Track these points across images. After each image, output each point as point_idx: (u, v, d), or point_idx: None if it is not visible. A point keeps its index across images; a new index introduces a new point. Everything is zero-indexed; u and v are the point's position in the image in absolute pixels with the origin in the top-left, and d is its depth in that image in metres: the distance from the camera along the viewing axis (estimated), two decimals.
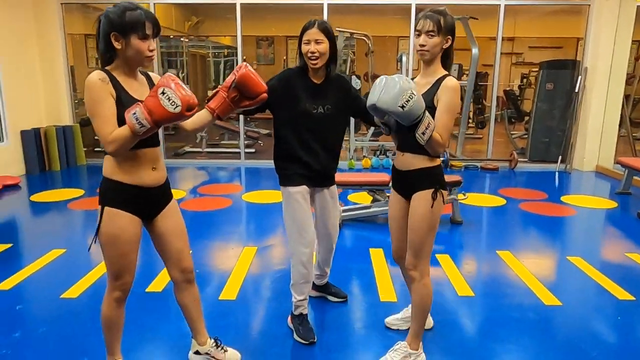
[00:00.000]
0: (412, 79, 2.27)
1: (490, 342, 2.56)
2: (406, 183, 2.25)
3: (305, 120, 2.44)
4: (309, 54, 2.35)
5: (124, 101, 1.80)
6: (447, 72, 2.16)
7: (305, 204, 2.50)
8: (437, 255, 3.70)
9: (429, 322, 2.66)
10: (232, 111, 2.04)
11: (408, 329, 2.57)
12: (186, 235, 2.13)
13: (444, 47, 2.11)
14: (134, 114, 1.70)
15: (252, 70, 1.97)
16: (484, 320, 2.81)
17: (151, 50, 1.81)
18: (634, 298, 3.05)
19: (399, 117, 1.98)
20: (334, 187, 2.68)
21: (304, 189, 2.49)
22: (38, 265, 3.49)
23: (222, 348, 2.33)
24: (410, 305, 2.66)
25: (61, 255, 3.69)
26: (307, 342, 2.51)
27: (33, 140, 6.53)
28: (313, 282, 2.96)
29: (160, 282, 3.20)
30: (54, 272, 3.41)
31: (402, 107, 1.91)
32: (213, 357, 2.31)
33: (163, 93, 1.68)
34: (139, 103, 1.73)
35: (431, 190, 2.17)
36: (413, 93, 1.92)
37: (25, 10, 6.60)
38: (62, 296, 3.02)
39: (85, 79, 1.76)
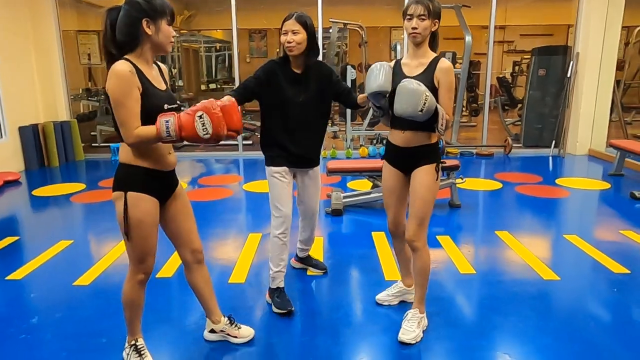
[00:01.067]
0: (400, 59, 2.41)
1: (493, 315, 2.67)
2: (408, 159, 2.38)
3: (289, 108, 2.57)
4: (286, 44, 2.50)
5: (150, 92, 1.87)
6: (437, 54, 2.34)
7: (284, 182, 2.65)
8: (437, 237, 3.80)
9: None
10: None
11: (399, 303, 2.75)
12: (194, 217, 2.22)
13: (432, 29, 2.29)
14: (167, 121, 1.78)
15: (236, 106, 1.95)
16: (486, 295, 2.92)
17: (173, 35, 1.92)
18: (629, 271, 3.17)
19: (416, 118, 2.15)
20: (317, 169, 2.83)
21: (283, 169, 2.65)
22: (47, 255, 3.55)
23: (236, 325, 2.42)
24: (399, 282, 2.82)
25: (69, 245, 3.75)
26: (284, 312, 2.64)
27: (31, 136, 6.55)
28: (296, 254, 3.18)
29: (170, 268, 3.27)
30: (64, 261, 3.47)
31: (422, 110, 2.10)
32: (228, 333, 2.40)
33: (200, 117, 1.75)
34: (174, 113, 1.81)
35: (435, 164, 2.35)
36: (427, 95, 2.10)
37: (20, 6, 6.59)
38: (74, 284, 3.08)
39: (112, 68, 1.81)
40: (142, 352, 2.17)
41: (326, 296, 2.95)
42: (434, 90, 2.24)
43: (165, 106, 1.91)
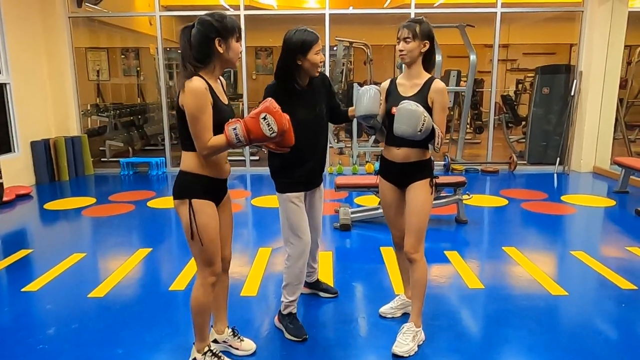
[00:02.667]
0: (395, 78, 2.50)
1: (502, 328, 2.70)
2: (403, 174, 2.47)
3: (307, 124, 2.54)
4: (320, 62, 2.52)
5: (219, 107, 2.01)
6: (431, 75, 2.44)
7: (302, 208, 2.63)
8: (445, 252, 3.85)
9: None
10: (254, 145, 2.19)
11: (402, 315, 2.80)
12: (232, 227, 2.32)
13: (422, 50, 2.39)
14: (234, 129, 1.89)
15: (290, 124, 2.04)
16: (495, 310, 2.95)
17: (241, 51, 2.04)
18: (636, 287, 3.20)
19: (414, 138, 2.24)
20: (322, 185, 2.84)
21: (301, 194, 2.63)
22: (61, 268, 3.61)
23: (239, 337, 2.48)
24: (402, 294, 2.89)
25: (82, 258, 3.81)
26: (300, 340, 2.59)
27: (43, 151, 6.66)
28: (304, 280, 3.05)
29: (182, 281, 3.32)
30: (78, 273, 3.53)
31: (420, 130, 2.20)
32: (230, 345, 2.46)
33: (264, 118, 1.86)
34: (239, 120, 1.91)
35: (428, 179, 2.45)
36: (425, 116, 2.20)
37: (34, 24, 6.76)
38: (89, 295, 3.14)
39: (188, 84, 1.91)
40: (220, 356, 2.25)
41: (335, 310, 2.99)
42: (428, 110, 2.33)
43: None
